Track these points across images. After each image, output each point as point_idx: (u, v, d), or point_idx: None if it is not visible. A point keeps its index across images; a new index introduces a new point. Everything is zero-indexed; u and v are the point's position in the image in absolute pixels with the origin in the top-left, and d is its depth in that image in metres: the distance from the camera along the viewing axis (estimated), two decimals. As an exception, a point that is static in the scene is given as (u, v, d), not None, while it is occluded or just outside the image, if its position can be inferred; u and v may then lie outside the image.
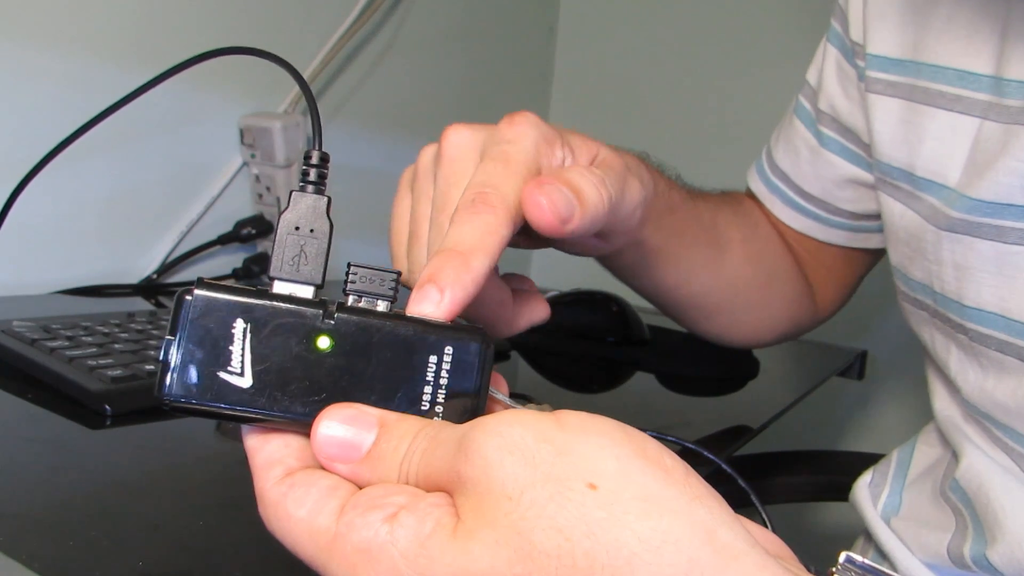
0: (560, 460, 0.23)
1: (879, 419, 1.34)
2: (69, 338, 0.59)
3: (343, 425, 0.26)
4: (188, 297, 0.26)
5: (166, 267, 0.91)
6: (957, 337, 0.51)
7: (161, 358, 0.26)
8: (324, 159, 0.29)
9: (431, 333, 0.27)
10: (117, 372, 0.54)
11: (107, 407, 0.51)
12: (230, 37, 0.95)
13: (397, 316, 0.28)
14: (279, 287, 0.28)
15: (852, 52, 0.57)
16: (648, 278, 0.57)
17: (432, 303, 0.29)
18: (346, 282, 0.28)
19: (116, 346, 0.59)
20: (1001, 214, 0.45)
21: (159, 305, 0.84)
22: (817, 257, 0.67)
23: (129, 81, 0.33)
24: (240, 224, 0.96)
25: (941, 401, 0.56)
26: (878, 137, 0.54)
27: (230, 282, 0.29)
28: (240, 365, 0.26)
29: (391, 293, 0.28)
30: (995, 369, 0.48)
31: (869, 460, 0.65)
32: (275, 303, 0.26)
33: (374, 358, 0.27)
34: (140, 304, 0.84)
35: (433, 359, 0.27)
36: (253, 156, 0.94)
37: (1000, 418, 0.49)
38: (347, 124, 1.12)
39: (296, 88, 0.99)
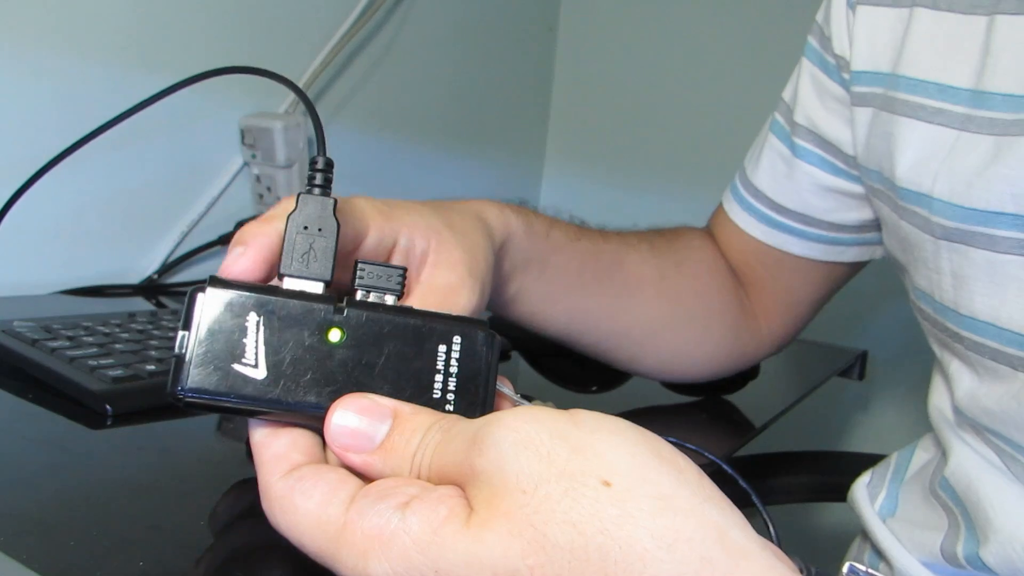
0: (575, 457, 0.23)
1: (879, 419, 1.34)
2: (70, 338, 0.59)
3: (357, 415, 0.26)
4: (202, 293, 0.27)
5: (167, 267, 0.91)
6: (954, 346, 0.51)
7: (175, 352, 0.26)
8: (329, 164, 0.30)
9: (440, 324, 0.28)
10: (118, 372, 0.54)
11: (108, 407, 0.51)
12: (231, 38, 0.95)
13: (406, 309, 0.28)
14: (289, 283, 0.28)
15: (836, 67, 0.58)
16: (551, 311, 0.57)
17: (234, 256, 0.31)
18: (354, 278, 0.28)
19: (117, 346, 0.59)
20: (993, 223, 0.46)
21: (160, 305, 0.84)
22: (780, 277, 0.66)
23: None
24: (241, 224, 0.96)
25: (937, 397, 0.56)
26: (863, 148, 0.55)
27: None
28: (254, 357, 0.27)
29: (398, 288, 0.29)
30: (989, 377, 0.49)
31: (869, 461, 0.65)
32: (287, 297, 0.27)
33: (385, 349, 0.28)
34: (141, 304, 0.84)
35: (443, 348, 0.28)
36: (254, 156, 0.94)
37: (987, 423, 0.50)
38: (347, 125, 1.12)
39: (296, 88, 0.99)
